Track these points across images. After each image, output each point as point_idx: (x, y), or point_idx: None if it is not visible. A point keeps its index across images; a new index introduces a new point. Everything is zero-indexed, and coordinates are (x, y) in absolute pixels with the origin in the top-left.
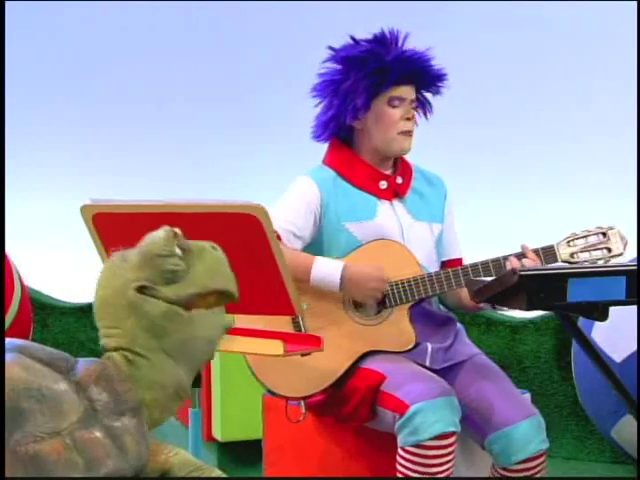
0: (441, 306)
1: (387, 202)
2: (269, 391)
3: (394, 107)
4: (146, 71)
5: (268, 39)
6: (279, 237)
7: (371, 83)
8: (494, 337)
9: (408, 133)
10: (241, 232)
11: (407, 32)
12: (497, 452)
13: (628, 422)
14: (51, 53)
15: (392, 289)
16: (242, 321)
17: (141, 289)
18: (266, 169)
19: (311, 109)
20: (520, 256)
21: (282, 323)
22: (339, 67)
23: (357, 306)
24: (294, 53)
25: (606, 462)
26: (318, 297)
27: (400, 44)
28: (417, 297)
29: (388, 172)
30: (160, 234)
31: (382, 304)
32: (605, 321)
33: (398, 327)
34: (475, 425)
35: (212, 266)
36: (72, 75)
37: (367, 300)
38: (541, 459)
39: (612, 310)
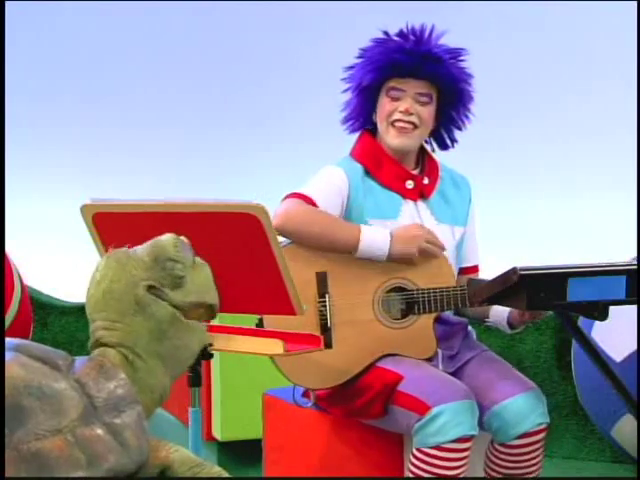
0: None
1: (411, 202)
2: (286, 378)
3: (392, 99)
4: (147, 70)
5: (268, 38)
6: (313, 203)
7: (374, 76)
8: (494, 337)
9: (403, 130)
10: (241, 232)
11: (441, 30)
12: (496, 428)
13: (628, 422)
14: (51, 53)
15: (424, 296)
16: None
17: (150, 289)
18: (267, 169)
19: (312, 108)
20: None
21: (307, 315)
22: (359, 62)
23: (385, 308)
24: (294, 52)
25: (606, 462)
26: (347, 291)
27: (423, 39)
28: (446, 308)
29: (415, 171)
30: (170, 239)
31: (410, 309)
32: (605, 320)
33: (421, 334)
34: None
35: (207, 280)
36: (72, 75)
37: (411, 249)
38: (540, 435)
39: (612, 309)
